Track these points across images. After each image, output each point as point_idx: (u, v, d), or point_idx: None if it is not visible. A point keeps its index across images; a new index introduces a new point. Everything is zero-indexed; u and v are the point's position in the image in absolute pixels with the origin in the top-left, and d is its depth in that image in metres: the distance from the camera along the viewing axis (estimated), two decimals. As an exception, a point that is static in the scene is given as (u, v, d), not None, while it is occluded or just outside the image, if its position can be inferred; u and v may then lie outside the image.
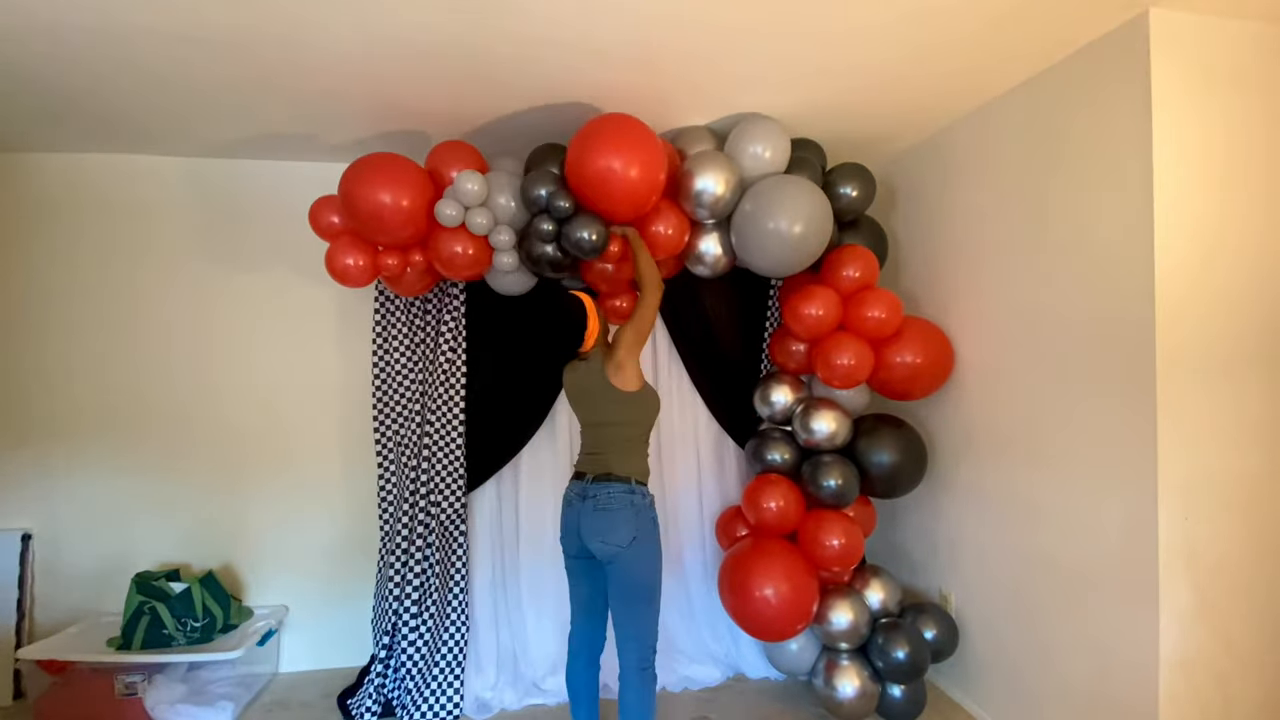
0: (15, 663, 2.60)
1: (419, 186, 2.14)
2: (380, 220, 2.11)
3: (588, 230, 2.16)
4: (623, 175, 2.06)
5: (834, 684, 2.40)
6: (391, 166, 2.12)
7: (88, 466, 2.74)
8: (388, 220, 2.11)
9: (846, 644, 2.44)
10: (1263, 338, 1.86)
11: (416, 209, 2.14)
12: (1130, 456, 1.86)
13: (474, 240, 2.24)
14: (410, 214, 2.12)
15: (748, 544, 2.56)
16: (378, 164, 2.12)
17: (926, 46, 2.01)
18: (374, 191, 2.08)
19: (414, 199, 2.12)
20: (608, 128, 2.11)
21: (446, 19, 1.79)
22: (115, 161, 2.74)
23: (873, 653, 2.42)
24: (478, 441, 2.69)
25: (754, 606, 2.40)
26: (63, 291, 2.74)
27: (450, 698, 2.56)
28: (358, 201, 2.09)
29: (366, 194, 2.08)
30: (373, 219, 2.11)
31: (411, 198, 2.11)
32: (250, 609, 2.80)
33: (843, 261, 2.51)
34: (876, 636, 2.43)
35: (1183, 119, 1.80)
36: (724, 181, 2.31)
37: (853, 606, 2.44)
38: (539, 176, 2.21)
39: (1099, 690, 1.98)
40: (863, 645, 2.46)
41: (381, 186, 2.08)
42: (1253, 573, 1.86)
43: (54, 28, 1.80)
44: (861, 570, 2.60)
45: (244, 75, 2.08)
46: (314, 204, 2.33)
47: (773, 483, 2.56)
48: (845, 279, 2.50)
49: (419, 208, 2.14)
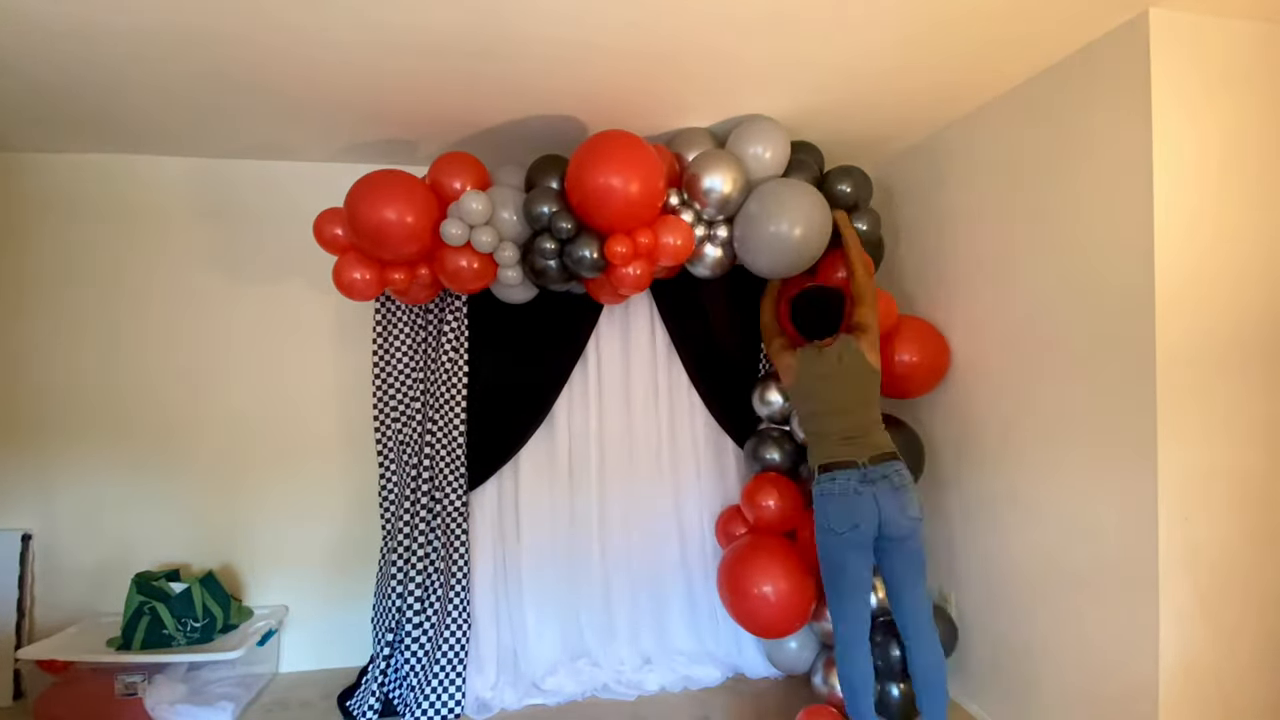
0: (15, 663, 2.60)
1: (423, 203, 2.16)
2: (385, 237, 2.12)
3: (589, 249, 2.20)
4: (623, 192, 2.08)
5: (833, 682, 2.40)
6: (395, 184, 2.13)
7: (88, 466, 2.74)
8: (392, 237, 2.12)
9: None
10: (1262, 336, 1.86)
11: (421, 226, 2.15)
12: (1130, 456, 1.86)
13: (479, 256, 2.27)
14: (415, 230, 2.14)
15: (746, 542, 2.57)
16: (381, 181, 2.13)
17: (925, 46, 2.01)
18: (378, 209, 2.09)
19: (418, 216, 2.13)
20: (606, 145, 2.12)
21: (447, 19, 1.78)
22: (115, 161, 2.74)
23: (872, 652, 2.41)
24: (479, 440, 2.69)
25: (752, 604, 2.41)
26: (63, 291, 2.74)
27: (453, 694, 2.57)
28: (363, 219, 2.10)
29: (371, 212, 2.09)
30: (378, 235, 2.12)
31: (416, 215, 2.13)
32: (250, 609, 2.80)
33: (839, 264, 2.51)
34: (874, 635, 2.42)
35: (1182, 119, 1.80)
36: (731, 181, 2.31)
37: None
38: (541, 194, 2.24)
39: (1099, 690, 1.98)
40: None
41: (386, 204, 2.09)
42: (1253, 573, 1.86)
43: (55, 27, 1.80)
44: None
45: (243, 77, 2.08)
46: (319, 217, 2.33)
47: (771, 481, 2.57)
48: (841, 280, 2.50)
49: (424, 225, 2.16)
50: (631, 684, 2.74)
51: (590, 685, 2.73)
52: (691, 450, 2.98)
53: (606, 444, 2.92)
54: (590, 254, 2.21)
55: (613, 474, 2.92)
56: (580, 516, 2.90)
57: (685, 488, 2.97)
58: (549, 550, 2.87)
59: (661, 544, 2.95)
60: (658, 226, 2.27)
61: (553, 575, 2.87)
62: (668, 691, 2.73)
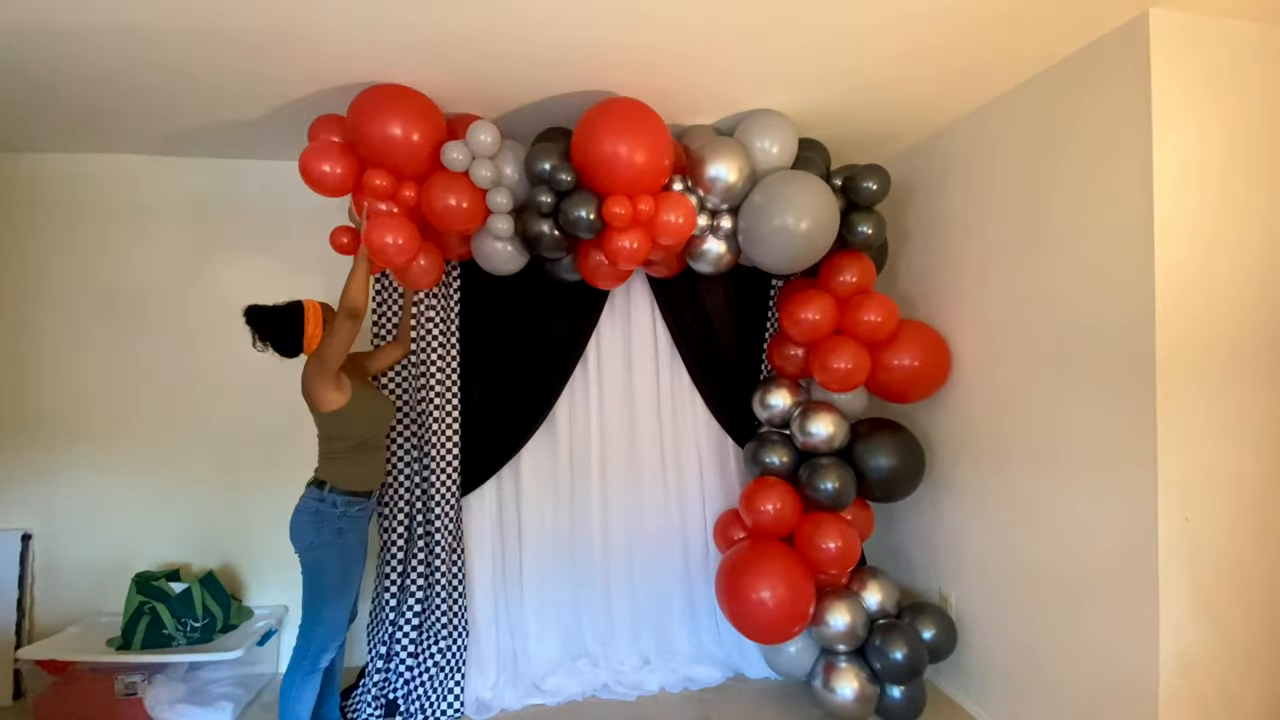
0: (15, 663, 2.60)
1: (433, 121, 2.11)
2: (388, 143, 2.04)
3: (586, 209, 2.15)
4: (628, 160, 2.06)
5: (832, 686, 2.40)
6: (407, 96, 2.09)
7: (88, 466, 2.74)
8: (396, 145, 2.04)
9: (844, 646, 2.44)
10: (1262, 338, 1.86)
11: (425, 141, 2.08)
12: (1130, 457, 1.86)
13: (470, 194, 2.17)
14: (418, 146, 2.07)
15: (744, 547, 2.55)
16: (393, 92, 2.08)
17: (926, 47, 2.01)
18: (386, 118, 2.02)
19: (425, 131, 2.07)
20: (615, 111, 2.09)
21: (453, 19, 1.79)
22: (115, 161, 2.74)
23: (871, 654, 2.42)
24: (477, 442, 2.69)
25: (750, 609, 2.39)
26: (62, 291, 2.74)
27: (456, 693, 2.57)
28: (367, 121, 2.02)
29: (378, 117, 2.01)
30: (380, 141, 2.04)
31: (424, 130, 2.07)
32: (250, 609, 2.80)
33: (840, 267, 2.52)
34: (874, 638, 2.43)
35: (1182, 119, 1.80)
36: (736, 169, 2.30)
37: (850, 608, 2.44)
38: (545, 150, 2.20)
39: (1099, 690, 1.97)
40: (860, 647, 2.46)
41: (394, 114, 2.03)
42: (1253, 573, 1.86)
43: (55, 27, 1.80)
44: (859, 572, 2.60)
45: (247, 75, 2.08)
46: (314, 122, 2.21)
47: (770, 485, 2.55)
48: (842, 284, 2.51)
49: (426, 140, 2.09)
50: (632, 684, 2.74)
51: (590, 685, 2.73)
52: (693, 450, 2.98)
53: (607, 444, 2.92)
54: (587, 214, 2.14)
55: (614, 474, 2.92)
56: (581, 516, 2.90)
57: (687, 488, 2.97)
58: (550, 550, 2.87)
59: (662, 544, 2.95)
60: (660, 199, 2.22)
61: (553, 575, 2.87)
62: (668, 692, 2.73)
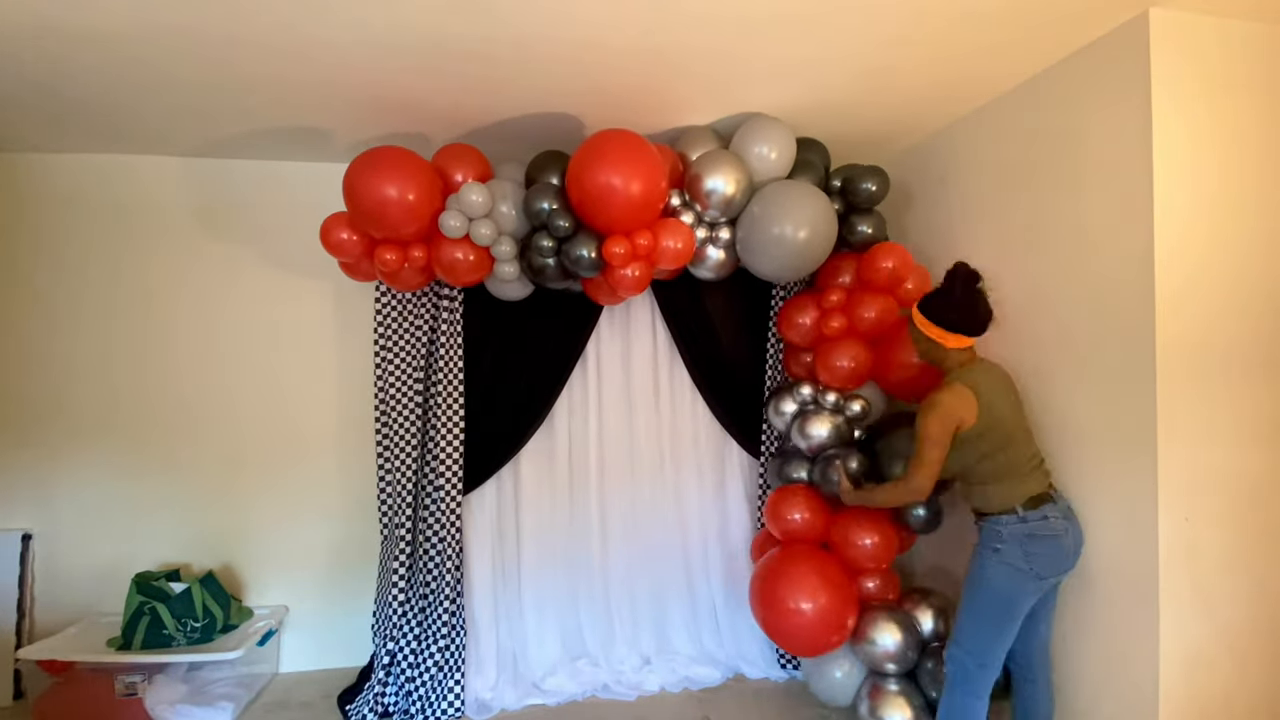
0: (15, 663, 2.60)
1: (426, 182, 2.11)
2: (384, 212, 2.06)
3: (587, 249, 2.18)
4: (623, 192, 2.06)
5: (880, 713, 2.21)
6: (398, 160, 2.09)
7: (88, 466, 2.74)
8: (391, 213, 2.07)
9: (894, 666, 2.26)
10: (1261, 337, 1.86)
11: (421, 205, 2.11)
12: (1130, 456, 1.86)
13: (476, 249, 2.24)
14: (414, 209, 2.09)
15: (776, 554, 2.46)
16: (384, 156, 2.09)
17: (926, 46, 2.01)
18: (380, 185, 2.03)
19: (420, 195, 2.09)
20: (608, 144, 2.10)
21: (447, 17, 1.78)
22: (115, 161, 2.74)
23: (924, 679, 2.22)
24: (478, 441, 2.69)
25: (788, 619, 2.27)
26: (63, 291, 2.74)
27: (457, 693, 2.57)
28: (362, 194, 2.05)
29: (372, 186, 2.04)
30: (377, 211, 2.06)
31: (418, 192, 2.08)
32: (250, 609, 2.80)
33: (840, 269, 2.52)
34: (927, 661, 2.22)
35: (1182, 118, 1.80)
36: (734, 182, 2.30)
37: (900, 626, 2.26)
38: (541, 191, 2.22)
39: (1099, 690, 1.97)
40: (912, 670, 2.28)
41: (388, 180, 2.04)
42: (1253, 573, 1.86)
43: (55, 27, 1.80)
44: (910, 592, 2.48)
45: (245, 76, 2.08)
46: (326, 221, 2.27)
47: (792, 492, 2.50)
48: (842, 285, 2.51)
49: (424, 206, 2.11)
50: (632, 684, 2.74)
51: (590, 685, 2.73)
52: (692, 450, 2.98)
53: (606, 444, 2.92)
54: (588, 254, 2.19)
55: (613, 474, 2.92)
56: (580, 516, 2.90)
57: (686, 488, 2.97)
58: (549, 550, 2.87)
59: (662, 544, 2.95)
60: (657, 229, 2.25)
61: (553, 575, 2.87)
62: (668, 692, 2.73)
